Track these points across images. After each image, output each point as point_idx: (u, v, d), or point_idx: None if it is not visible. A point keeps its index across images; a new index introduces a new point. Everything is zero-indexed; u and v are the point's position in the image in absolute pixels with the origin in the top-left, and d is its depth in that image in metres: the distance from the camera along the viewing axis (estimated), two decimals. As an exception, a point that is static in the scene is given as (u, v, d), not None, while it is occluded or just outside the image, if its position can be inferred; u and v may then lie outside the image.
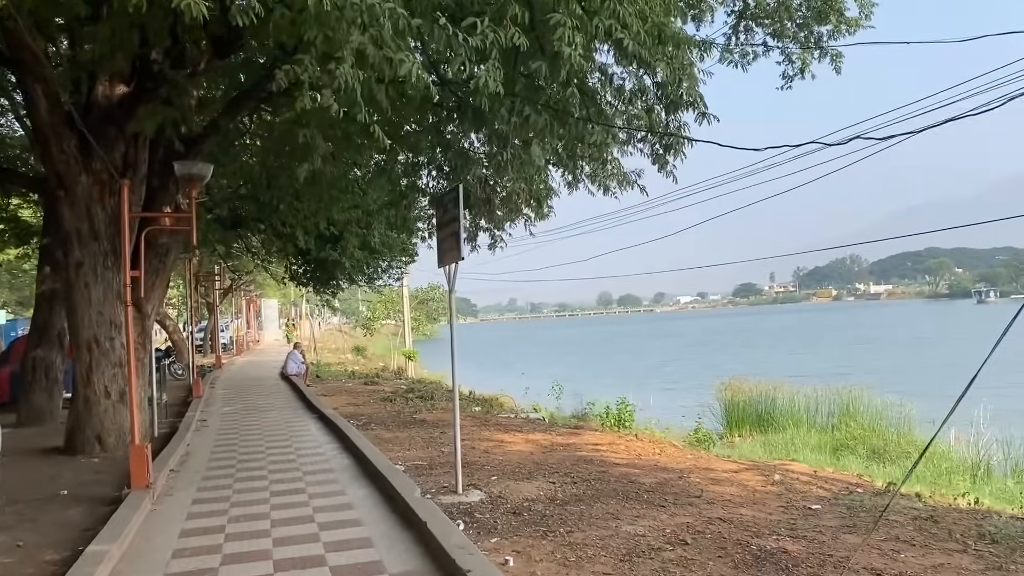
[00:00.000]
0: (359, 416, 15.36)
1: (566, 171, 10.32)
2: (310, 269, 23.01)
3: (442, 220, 8.26)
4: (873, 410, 23.03)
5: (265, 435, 12.60)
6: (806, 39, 13.22)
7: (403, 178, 13.22)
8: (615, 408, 21.46)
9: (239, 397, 19.18)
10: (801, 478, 9.23)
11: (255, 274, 44.27)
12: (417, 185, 13.24)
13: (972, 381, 4.46)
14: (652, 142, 8.32)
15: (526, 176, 9.05)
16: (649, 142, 8.41)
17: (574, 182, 10.53)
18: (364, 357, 48.97)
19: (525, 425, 14.16)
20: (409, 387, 23.26)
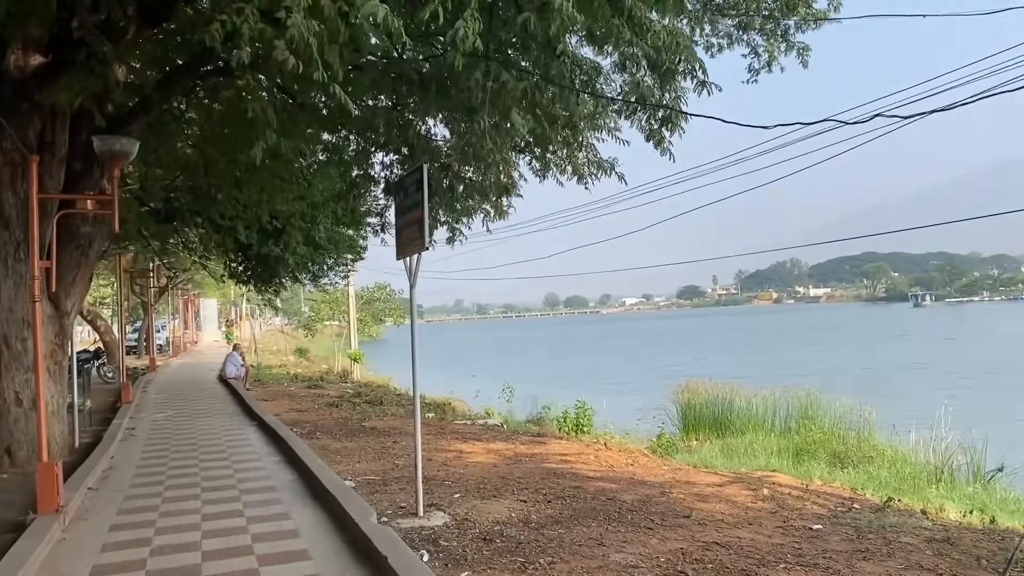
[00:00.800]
0: (303, 423, 14.27)
1: (539, 153, 9.43)
2: (251, 266, 21.72)
3: (403, 205, 7.32)
4: (832, 414, 22.74)
5: (199, 445, 11.45)
6: (773, 31, 12.61)
7: (354, 166, 12.21)
8: (572, 412, 20.74)
9: (173, 402, 17.87)
10: (791, 493, 8.51)
11: (193, 272, 42.51)
12: (370, 175, 12.23)
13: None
14: (648, 114, 7.48)
15: (502, 157, 8.15)
16: (645, 114, 7.56)
17: (544, 169, 9.67)
18: (307, 359, 47.46)
19: (484, 433, 13.24)
20: (356, 391, 22.15)
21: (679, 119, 7.14)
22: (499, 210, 13.53)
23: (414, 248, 7.00)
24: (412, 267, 7.23)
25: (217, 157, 13.69)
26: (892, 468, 17.46)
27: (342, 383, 27.10)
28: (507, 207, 12.90)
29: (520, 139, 8.47)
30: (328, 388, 23.48)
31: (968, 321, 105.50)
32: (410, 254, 7.16)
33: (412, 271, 7.24)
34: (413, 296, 7.37)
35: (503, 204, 13.09)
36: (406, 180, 7.31)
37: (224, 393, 19.84)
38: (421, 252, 6.96)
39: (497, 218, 13.61)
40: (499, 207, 13.41)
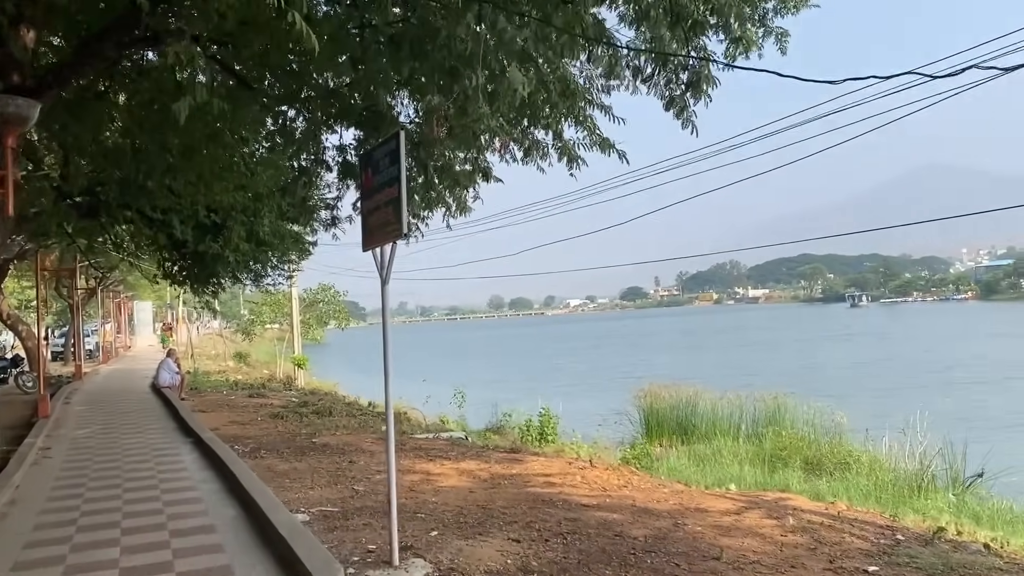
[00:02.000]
0: (245, 439, 12.79)
1: (526, 128, 8.16)
2: (187, 265, 19.97)
3: (371, 184, 5.99)
4: (800, 418, 22.01)
5: (125, 470, 9.90)
6: (750, 16, 11.58)
7: (303, 150, 10.82)
8: (536, 420, 19.59)
9: (99, 415, 16.13)
10: (821, 521, 7.40)
11: (125, 273, 40.14)
12: (322, 159, 10.85)
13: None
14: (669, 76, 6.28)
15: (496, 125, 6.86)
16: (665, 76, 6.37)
17: (529, 149, 8.41)
18: (247, 364, 45.36)
19: (450, 449, 11.92)
20: (301, 400, 20.62)
21: (708, 83, 5.99)
22: (462, 205, 12.32)
23: (388, 235, 5.69)
24: (384, 259, 5.92)
25: (147, 140, 12.14)
26: (871, 475, 16.72)
27: (286, 390, 25.47)
28: (473, 199, 11.66)
29: (524, 92, 7.20)
30: (271, 396, 21.86)
31: (906, 321, 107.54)
32: (382, 243, 5.85)
33: (384, 264, 5.92)
34: (386, 295, 6.06)
35: (468, 197, 11.87)
36: (376, 152, 5.98)
37: (157, 404, 18.12)
38: (397, 240, 5.65)
39: (459, 213, 12.40)
40: (462, 202, 12.18)
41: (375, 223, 5.93)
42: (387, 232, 5.69)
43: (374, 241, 5.98)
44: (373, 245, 6.01)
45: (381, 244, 5.89)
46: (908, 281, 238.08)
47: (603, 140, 7.46)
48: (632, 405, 25.26)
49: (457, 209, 12.26)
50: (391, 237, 5.65)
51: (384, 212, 5.74)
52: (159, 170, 12.08)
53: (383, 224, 5.74)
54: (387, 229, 5.68)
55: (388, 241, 5.76)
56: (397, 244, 5.78)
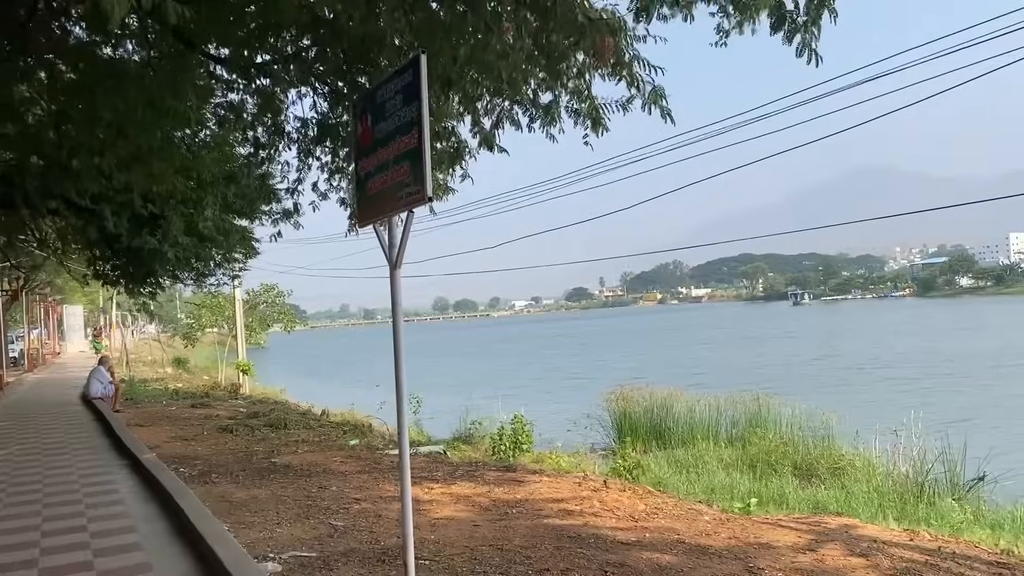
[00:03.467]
0: (192, 460, 11.08)
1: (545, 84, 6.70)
2: (121, 263, 18.02)
3: (376, 136, 4.48)
4: (783, 420, 21.02)
5: (46, 504, 8.16)
6: None
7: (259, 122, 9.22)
8: (508, 427, 18.17)
9: (17, 433, 14.15)
10: (920, 558, 6.10)
11: (53, 274, 37.48)
12: (281, 128, 9.27)
13: None
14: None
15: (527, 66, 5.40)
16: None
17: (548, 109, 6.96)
18: (186, 371, 42.97)
19: (434, 468, 10.39)
20: (251, 410, 18.83)
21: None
22: (442, 187, 10.89)
23: (401, 202, 4.18)
24: (395, 236, 4.41)
25: (72, 112, 10.38)
26: (869, 481, 15.75)
27: (232, 399, 23.57)
28: (461, 178, 10.19)
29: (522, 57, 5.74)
30: (216, 406, 20.00)
31: (850, 318, 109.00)
32: (391, 213, 4.35)
33: (395, 242, 4.41)
34: (397, 283, 4.53)
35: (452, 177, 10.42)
36: (382, 91, 4.43)
37: (88, 418, 16.15)
38: (417, 206, 4.14)
39: (440, 196, 10.95)
40: (443, 185, 10.75)
41: (380, 188, 4.43)
42: (400, 198, 4.19)
43: (378, 211, 4.47)
44: (376, 217, 4.51)
45: (389, 215, 4.39)
46: (847, 279, 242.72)
47: (653, 91, 6.07)
48: (602, 408, 24.06)
49: (439, 191, 10.83)
50: (407, 204, 4.14)
51: (395, 171, 4.24)
52: (87, 148, 10.31)
53: (394, 187, 4.24)
54: (400, 194, 4.18)
55: (401, 210, 4.25)
56: (412, 215, 4.26)
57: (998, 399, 29.67)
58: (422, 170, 3.96)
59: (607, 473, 14.11)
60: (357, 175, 4.82)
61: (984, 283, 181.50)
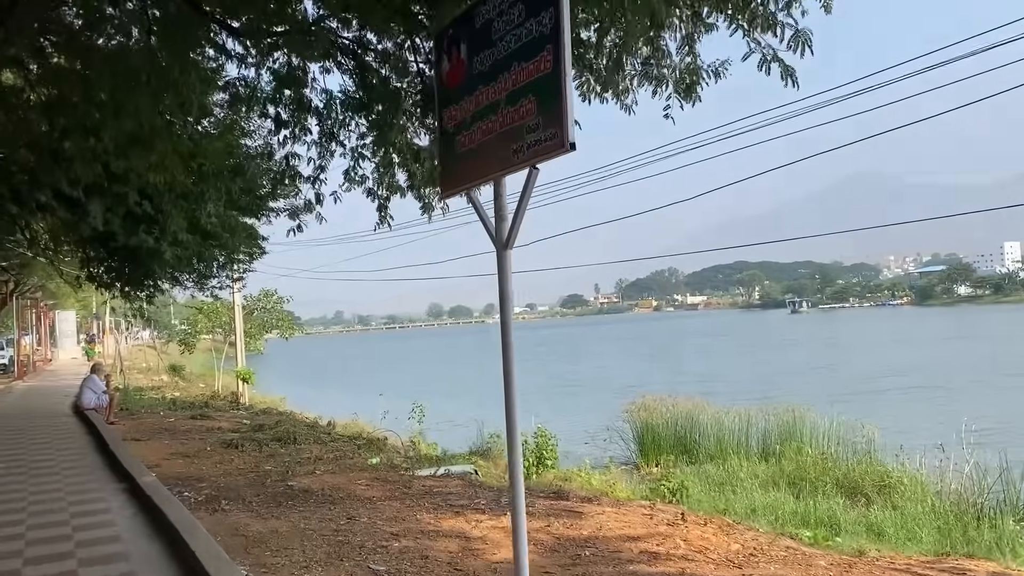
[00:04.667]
0: (197, 481, 9.84)
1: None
2: (115, 264, 16.78)
3: (474, 70, 3.30)
4: (819, 433, 19.89)
5: (30, 541, 6.92)
6: None
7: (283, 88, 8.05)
8: (531, 440, 17.03)
9: (4, 448, 12.87)
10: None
11: (44, 278, 36.15)
12: (303, 101, 8.09)
13: None
14: None
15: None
16: None
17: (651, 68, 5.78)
18: (183, 378, 41.62)
19: (473, 494, 9.15)
20: (255, 422, 17.57)
21: None
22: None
23: (522, 154, 3.01)
24: (507, 204, 3.23)
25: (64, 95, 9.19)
26: (923, 501, 14.62)
27: (233, 410, 22.30)
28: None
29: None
30: (218, 418, 18.74)
31: (852, 326, 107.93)
32: (504, 171, 3.17)
33: (508, 214, 3.23)
34: (508, 265, 3.35)
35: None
36: (486, 6, 3.24)
37: (80, 431, 14.89)
38: (553, 155, 2.93)
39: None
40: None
41: (480, 140, 3.26)
42: (518, 150, 3.01)
43: (477, 173, 3.31)
44: (472, 181, 3.34)
45: (497, 175, 3.20)
46: (844, 287, 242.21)
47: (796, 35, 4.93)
48: (621, 420, 22.88)
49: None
50: (532, 155, 2.96)
51: (509, 114, 3.06)
52: (80, 129, 9.09)
53: (507, 136, 3.06)
54: (518, 144, 3.01)
55: (519, 166, 3.07)
56: (536, 173, 3.06)
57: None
58: (559, 105, 2.78)
59: (650, 495, 12.95)
60: (441, 130, 3.63)
61: (983, 292, 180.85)
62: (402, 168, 9.69)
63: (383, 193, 9.87)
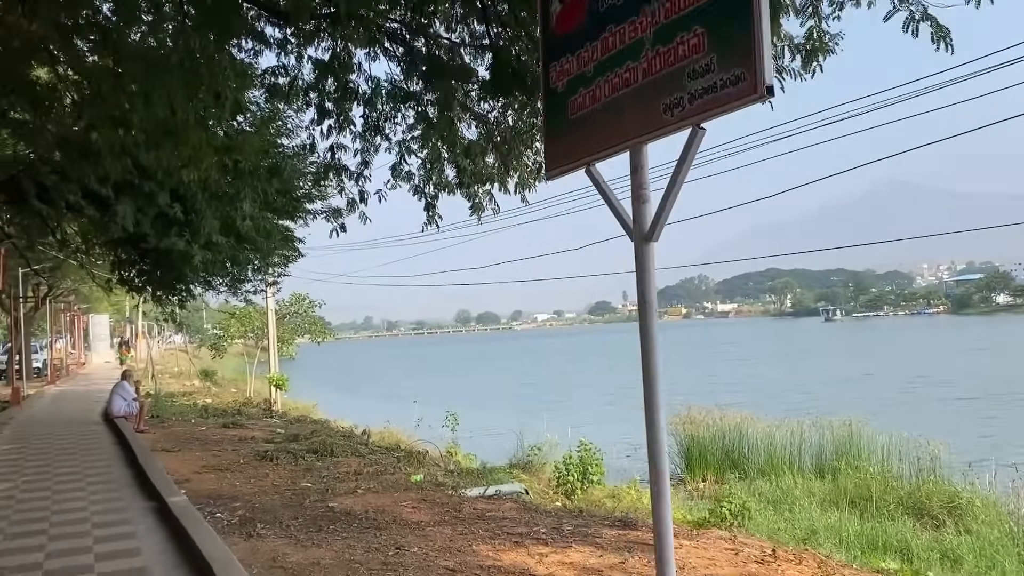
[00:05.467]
0: (230, 500, 9.14)
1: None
2: (147, 267, 16.25)
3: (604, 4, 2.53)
4: (878, 448, 18.85)
5: (48, 572, 6.25)
6: None
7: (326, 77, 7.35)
8: (575, 455, 16.13)
9: (28, 460, 12.32)
10: None
11: (77, 282, 36.04)
12: (348, 87, 7.39)
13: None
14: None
15: None
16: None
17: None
18: (215, 383, 41.27)
19: (530, 519, 8.33)
20: (289, 432, 16.91)
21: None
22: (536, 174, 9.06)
23: (686, 108, 2.23)
24: (640, 177, 2.45)
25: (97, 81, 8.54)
26: (998, 525, 13.64)
27: (267, 417, 21.71)
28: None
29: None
30: (251, 426, 18.12)
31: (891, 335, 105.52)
32: (651, 134, 2.39)
33: (649, 196, 2.45)
34: (648, 259, 2.57)
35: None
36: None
37: (109, 441, 14.31)
38: (722, 112, 2.15)
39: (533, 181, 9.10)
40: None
41: (608, 96, 2.49)
42: (678, 104, 2.25)
43: (605, 140, 2.53)
44: (603, 150, 2.56)
45: (639, 140, 2.43)
46: (878, 296, 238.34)
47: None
48: (665, 432, 22.00)
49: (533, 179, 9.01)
50: (702, 110, 2.18)
51: (665, 55, 2.29)
52: (109, 120, 8.43)
53: (659, 86, 2.30)
54: (679, 95, 2.25)
55: (677, 126, 2.29)
56: (701, 134, 2.29)
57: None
58: (748, 35, 1.99)
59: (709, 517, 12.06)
60: (546, 91, 2.85)
61: (1022, 300, 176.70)
62: (451, 163, 8.98)
63: (430, 191, 9.16)
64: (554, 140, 2.92)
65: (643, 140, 2.48)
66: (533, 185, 9.14)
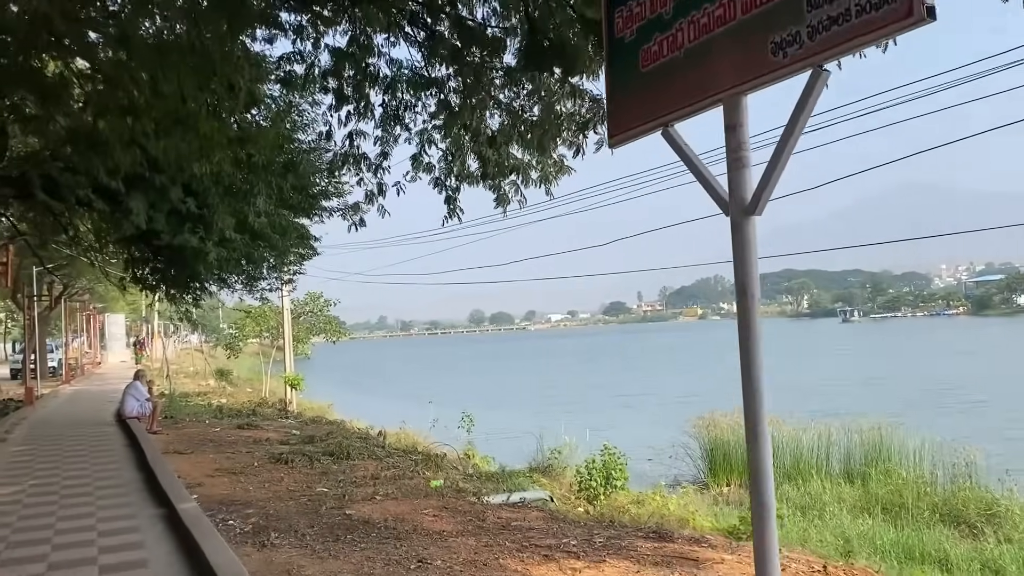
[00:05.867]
0: (244, 507, 8.75)
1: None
2: (160, 265, 15.93)
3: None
4: (909, 452, 18.31)
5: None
6: None
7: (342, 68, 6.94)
8: (598, 459, 15.71)
9: (39, 462, 11.99)
10: None
11: (93, 281, 35.88)
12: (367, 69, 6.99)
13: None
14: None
15: None
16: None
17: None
18: (230, 383, 41.06)
19: (559, 530, 7.88)
20: (304, 433, 16.54)
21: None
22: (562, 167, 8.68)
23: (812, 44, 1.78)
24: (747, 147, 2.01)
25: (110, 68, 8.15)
26: (1040, 534, 13.07)
27: (282, 418, 21.36)
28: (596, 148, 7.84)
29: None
30: (266, 427, 17.76)
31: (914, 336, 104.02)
32: (790, 68, 1.94)
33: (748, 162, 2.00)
34: (749, 235, 2.12)
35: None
36: None
37: (120, 443, 13.97)
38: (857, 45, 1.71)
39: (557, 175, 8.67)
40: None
41: (693, 40, 2.05)
42: (793, 40, 1.80)
43: (688, 94, 2.09)
44: (685, 107, 2.12)
45: (738, 89, 1.99)
46: (896, 296, 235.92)
47: None
48: (688, 435, 21.46)
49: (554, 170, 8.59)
50: (829, 46, 1.73)
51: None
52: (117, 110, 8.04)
53: (764, 20, 1.85)
54: (793, 29, 1.80)
55: (793, 68, 1.85)
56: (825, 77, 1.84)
57: None
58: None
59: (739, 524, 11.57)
60: (612, 40, 2.41)
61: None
62: (474, 154, 8.55)
63: (452, 183, 8.74)
64: (621, 99, 2.48)
65: (743, 90, 2.04)
66: (556, 179, 8.72)
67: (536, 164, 8.60)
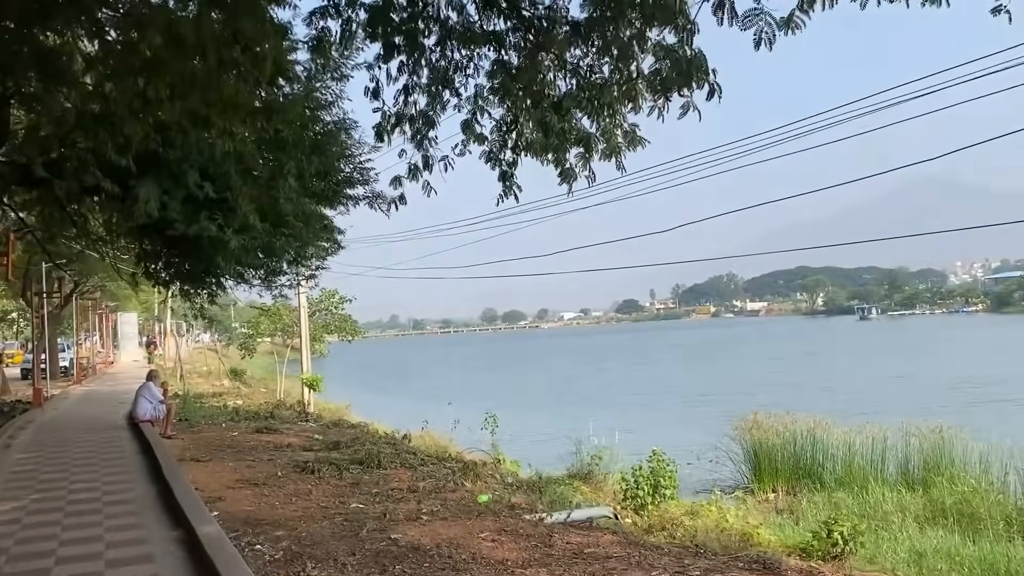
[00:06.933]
0: (272, 528, 7.66)
1: None
2: (175, 259, 14.84)
3: None
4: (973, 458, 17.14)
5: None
6: None
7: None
8: (646, 467, 14.60)
9: (43, 471, 10.94)
10: None
11: (104, 278, 34.94)
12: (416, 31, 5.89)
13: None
14: None
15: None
16: None
17: None
18: (244, 383, 40.11)
19: (640, 556, 6.77)
20: (328, 439, 15.44)
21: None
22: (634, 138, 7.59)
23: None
24: None
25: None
26: None
27: (302, 420, 20.31)
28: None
29: None
30: (286, 431, 16.69)
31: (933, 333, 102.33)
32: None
33: None
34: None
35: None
36: None
37: (132, 449, 12.92)
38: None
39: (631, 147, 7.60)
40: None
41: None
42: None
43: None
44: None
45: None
46: (913, 293, 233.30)
47: None
48: (729, 438, 20.34)
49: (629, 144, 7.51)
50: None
51: None
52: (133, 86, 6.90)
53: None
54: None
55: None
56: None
57: None
58: None
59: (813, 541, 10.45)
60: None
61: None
62: (535, 123, 7.42)
63: (507, 156, 7.61)
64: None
65: None
66: (628, 151, 7.58)
67: (602, 136, 7.47)
